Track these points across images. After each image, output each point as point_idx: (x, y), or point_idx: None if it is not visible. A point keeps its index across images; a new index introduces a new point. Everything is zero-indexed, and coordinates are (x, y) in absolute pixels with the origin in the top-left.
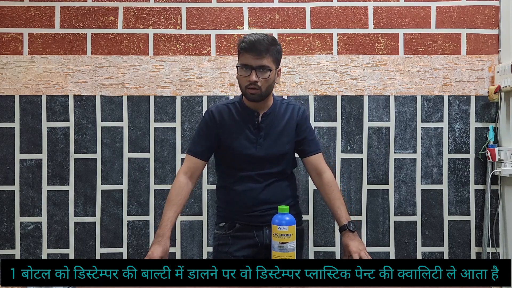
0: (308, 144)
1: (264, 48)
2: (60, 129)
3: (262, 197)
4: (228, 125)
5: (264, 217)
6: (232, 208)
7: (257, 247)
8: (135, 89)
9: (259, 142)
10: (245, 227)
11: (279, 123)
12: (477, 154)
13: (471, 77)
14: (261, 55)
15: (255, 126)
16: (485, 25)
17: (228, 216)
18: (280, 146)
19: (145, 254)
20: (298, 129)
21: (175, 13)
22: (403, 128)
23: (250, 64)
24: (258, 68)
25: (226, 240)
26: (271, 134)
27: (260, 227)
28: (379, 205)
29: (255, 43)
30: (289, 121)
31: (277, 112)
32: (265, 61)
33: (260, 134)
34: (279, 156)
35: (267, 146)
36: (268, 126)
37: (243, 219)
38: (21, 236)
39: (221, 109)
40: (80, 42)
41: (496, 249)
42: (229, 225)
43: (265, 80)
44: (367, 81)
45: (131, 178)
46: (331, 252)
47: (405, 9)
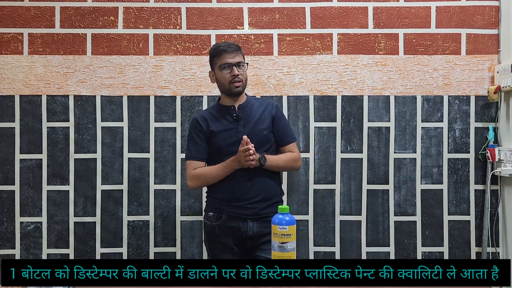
0: (283, 135)
1: (235, 48)
2: (60, 129)
3: (249, 184)
4: (211, 124)
5: (250, 210)
6: (221, 197)
7: (242, 237)
8: (135, 89)
9: (239, 130)
10: (231, 218)
11: (256, 113)
12: (477, 154)
13: (471, 77)
14: (236, 53)
15: (234, 117)
16: (485, 25)
17: (216, 206)
18: (259, 131)
19: (145, 254)
20: (274, 120)
21: (175, 13)
22: (403, 128)
23: (230, 62)
24: (237, 64)
25: (214, 231)
26: (249, 122)
27: (245, 219)
28: (379, 205)
29: (229, 45)
30: (264, 113)
31: (252, 105)
32: (240, 57)
33: (239, 123)
34: (260, 141)
35: (246, 132)
36: (245, 115)
37: (230, 210)
38: (21, 236)
39: (203, 114)
40: (80, 42)
41: (496, 249)
42: (217, 215)
43: (244, 73)
44: (367, 81)
45: (131, 178)
46: (331, 252)
47: (405, 9)
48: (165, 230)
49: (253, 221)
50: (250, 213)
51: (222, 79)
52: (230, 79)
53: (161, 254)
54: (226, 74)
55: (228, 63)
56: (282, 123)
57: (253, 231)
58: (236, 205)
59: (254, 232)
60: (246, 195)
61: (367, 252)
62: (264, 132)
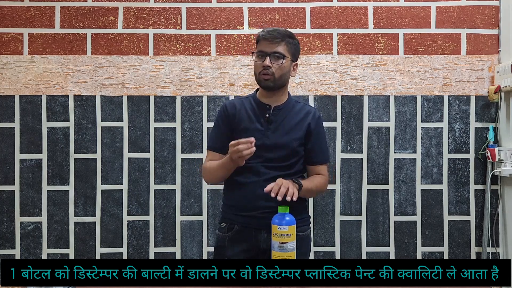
0: (317, 153)
1: (279, 35)
2: (60, 129)
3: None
4: (239, 117)
5: (263, 220)
6: (233, 204)
7: (254, 251)
8: (135, 89)
9: (267, 135)
10: (243, 229)
11: (291, 119)
12: (477, 154)
13: (471, 77)
14: (276, 41)
15: (266, 118)
16: (485, 25)
17: (228, 217)
18: (288, 141)
19: (145, 254)
20: (311, 134)
21: (175, 13)
22: (403, 128)
23: (265, 50)
24: (273, 54)
25: (223, 243)
26: (281, 128)
27: (259, 230)
28: (379, 205)
29: (272, 31)
30: (302, 121)
31: (291, 108)
32: (279, 48)
33: (269, 127)
34: (287, 151)
35: (275, 138)
36: (279, 119)
37: (242, 220)
38: (21, 236)
39: (235, 102)
40: (80, 42)
41: (496, 249)
42: (228, 226)
43: (279, 67)
44: (367, 81)
45: (131, 178)
46: (331, 252)
47: (405, 9)
48: (165, 230)
49: (267, 232)
50: (264, 223)
51: (254, 68)
52: (260, 69)
53: (161, 254)
54: (258, 62)
55: (262, 51)
56: (319, 138)
57: (267, 244)
58: (249, 215)
59: (268, 245)
60: (259, 203)
61: (367, 252)
62: (293, 144)
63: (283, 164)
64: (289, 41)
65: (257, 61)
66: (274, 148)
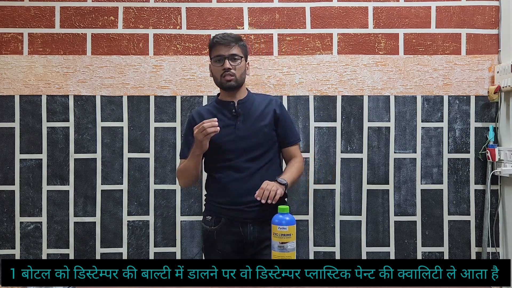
0: (288, 135)
1: (233, 39)
2: (60, 129)
3: (249, 187)
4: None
5: (249, 213)
6: (218, 200)
7: (241, 243)
8: (135, 89)
9: (237, 126)
10: (230, 222)
11: (256, 109)
12: (477, 154)
13: (471, 77)
14: (231, 45)
15: (233, 113)
16: (485, 25)
17: (214, 209)
18: (259, 128)
19: (145, 254)
20: (278, 119)
21: (175, 13)
22: (403, 128)
23: (223, 54)
24: (230, 57)
25: (212, 237)
26: (249, 118)
27: (245, 222)
28: (379, 205)
29: (224, 36)
30: (266, 109)
31: (253, 100)
32: (234, 50)
33: (238, 118)
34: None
35: (246, 128)
36: (245, 111)
37: (229, 213)
38: (21, 236)
39: (199, 110)
40: (80, 42)
41: (496, 249)
42: (215, 219)
43: (238, 68)
44: (367, 81)
45: (131, 178)
46: (331, 252)
47: (405, 9)
48: (165, 230)
49: (253, 225)
50: (250, 217)
51: (214, 72)
52: (221, 72)
53: (161, 254)
54: (218, 67)
55: (220, 55)
56: (286, 121)
57: (254, 236)
58: (235, 209)
59: (255, 237)
60: (246, 198)
61: (367, 252)
62: (264, 130)
63: (259, 152)
64: (240, 43)
65: (217, 65)
66: (247, 138)
